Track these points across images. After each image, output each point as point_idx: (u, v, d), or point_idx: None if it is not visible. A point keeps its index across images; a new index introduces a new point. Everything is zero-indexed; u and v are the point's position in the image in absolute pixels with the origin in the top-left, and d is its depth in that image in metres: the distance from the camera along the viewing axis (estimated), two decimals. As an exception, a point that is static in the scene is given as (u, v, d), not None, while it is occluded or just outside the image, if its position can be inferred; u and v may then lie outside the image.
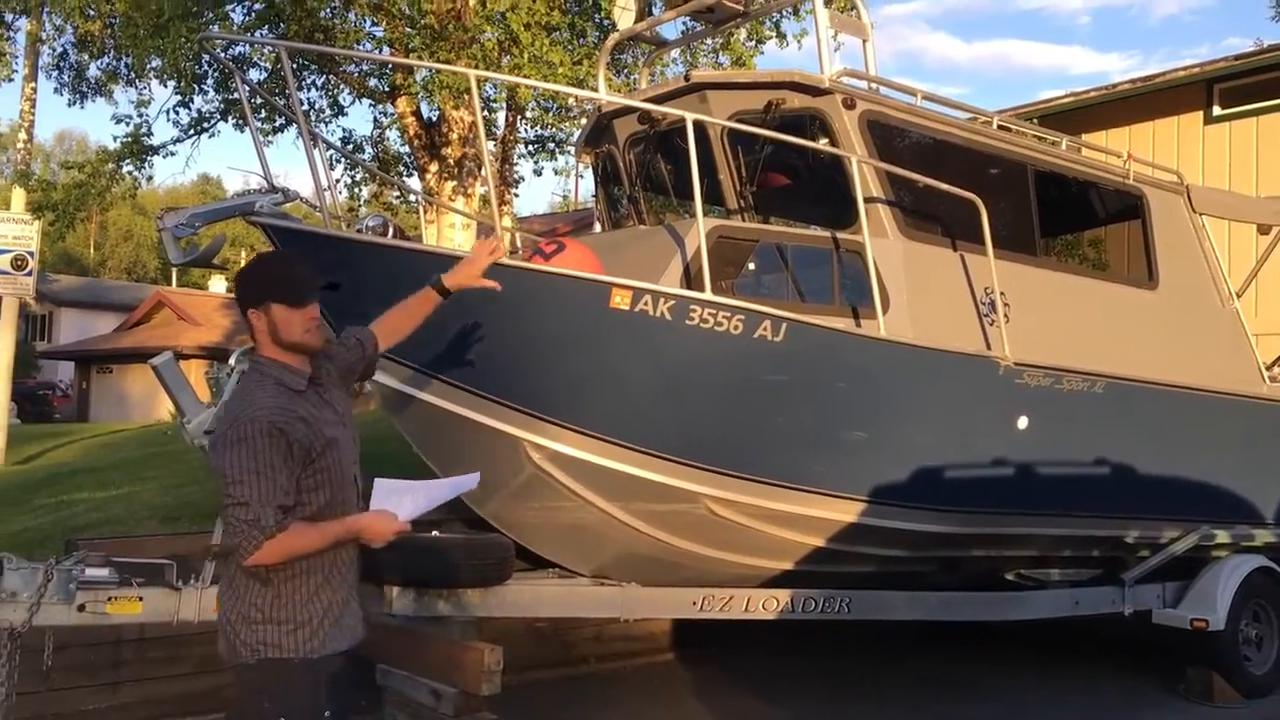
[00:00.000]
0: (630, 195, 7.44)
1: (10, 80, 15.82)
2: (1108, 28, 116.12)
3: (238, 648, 3.28)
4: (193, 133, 16.25)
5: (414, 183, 16.70)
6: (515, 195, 17.55)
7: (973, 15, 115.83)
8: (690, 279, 5.76)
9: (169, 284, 52.50)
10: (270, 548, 3.15)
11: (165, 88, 15.72)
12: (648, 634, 8.60)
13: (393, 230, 5.79)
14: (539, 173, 28.55)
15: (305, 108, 15.57)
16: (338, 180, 16.34)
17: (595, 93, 8.24)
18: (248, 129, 16.32)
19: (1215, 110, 13.91)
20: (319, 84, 16.92)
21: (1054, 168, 7.52)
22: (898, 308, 6.22)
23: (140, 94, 16.27)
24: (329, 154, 14.01)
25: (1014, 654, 8.87)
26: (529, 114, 16.36)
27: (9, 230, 13.48)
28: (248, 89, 8.74)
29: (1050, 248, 8.59)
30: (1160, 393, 7.33)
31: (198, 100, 15.89)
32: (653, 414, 5.80)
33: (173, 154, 16.25)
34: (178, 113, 15.98)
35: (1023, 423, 6.69)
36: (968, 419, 6.58)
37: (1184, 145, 13.88)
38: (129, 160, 15.83)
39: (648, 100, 6.82)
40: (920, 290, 6.39)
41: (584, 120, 9.32)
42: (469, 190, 15.81)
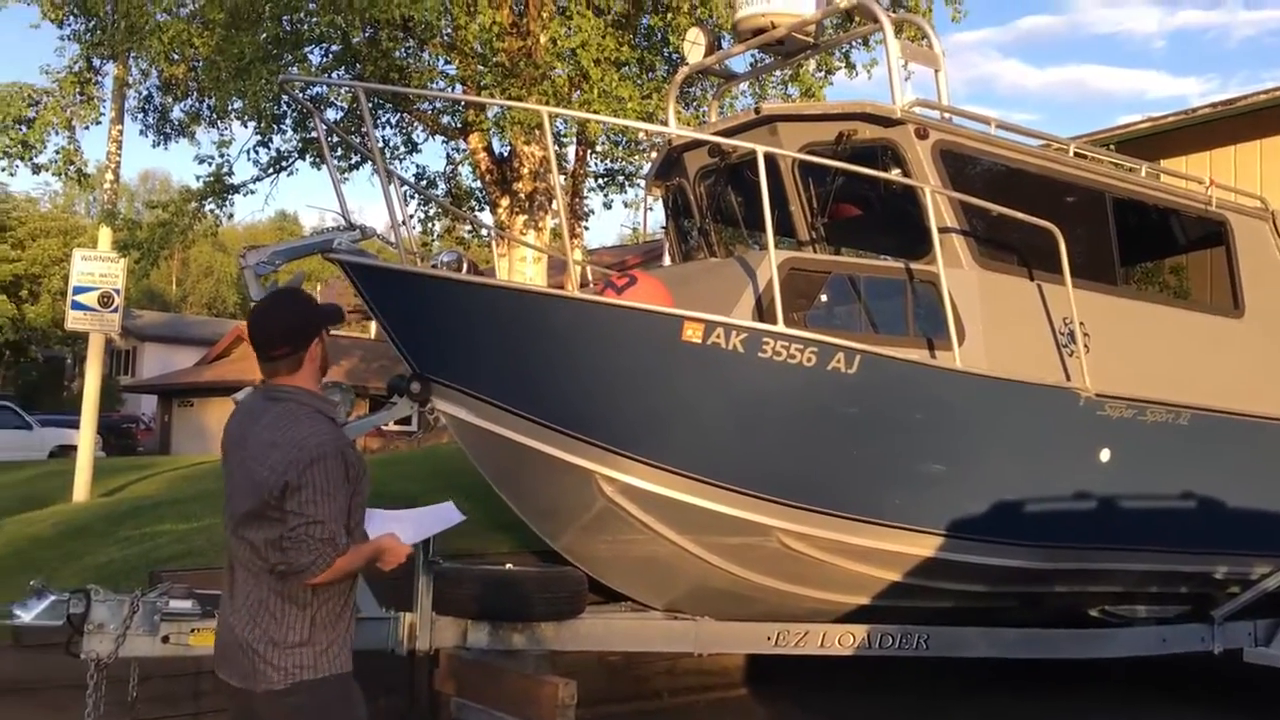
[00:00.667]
0: (701, 227, 7.46)
1: (98, 123, 16.29)
2: (1184, 51, 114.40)
3: (269, 674, 3.28)
4: (271, 171, 16.63)
5: (486, 217, 16.90)
6: (585, 228, 17.69)
7: (1045, 41, 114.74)
8: (762, 311, 5.75)
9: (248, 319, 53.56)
10: (337, 565, 3.27)
11: (245, 128, 16.15)
12: (721, 668, 8.51)
13: (467, 265, 5.86)
14: (609, 206, 28.83)
15: (380, 145, 15.86)
16: (411, 216, 16.59)
17: (665, 126, 8.29)
18: (325, 167, 16.68)
19: (1300, 134, 13.55)
20: (393, 122, 17.23)
21: (1133, 195, 7.38)
22: (973, 339, 6.14)
23: (222, 134, 16.66)
24: (403, 190, 14.24)
25: (1097, 693, 8.62)
26: (599, 148, 16.48)
27: (96, 268, 13.81)
28: (325, 128, 8.93)
29: (1130, 276, 8.42)
30: (1248, 424, 7.14)
31: (276, 140, 16.29)
32: (725, 447, 5.77)
33: (252, 192, 16.67)
34: (257, 152, 16.38)
35: (1105, 455, 6.55)
36: (1047, 452, 6.46)
37: (1267, 170, 13.55)
38: (211, 199, 16.23)
39: (718, 133, 6.84)
40: (996, 321, 6.30)
41: (653, 154, 9.37)
42: (540, 224, 15.96)
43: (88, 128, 16.06)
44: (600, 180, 17.86)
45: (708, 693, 8.33)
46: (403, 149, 17.30)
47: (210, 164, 16.10)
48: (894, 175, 6.30)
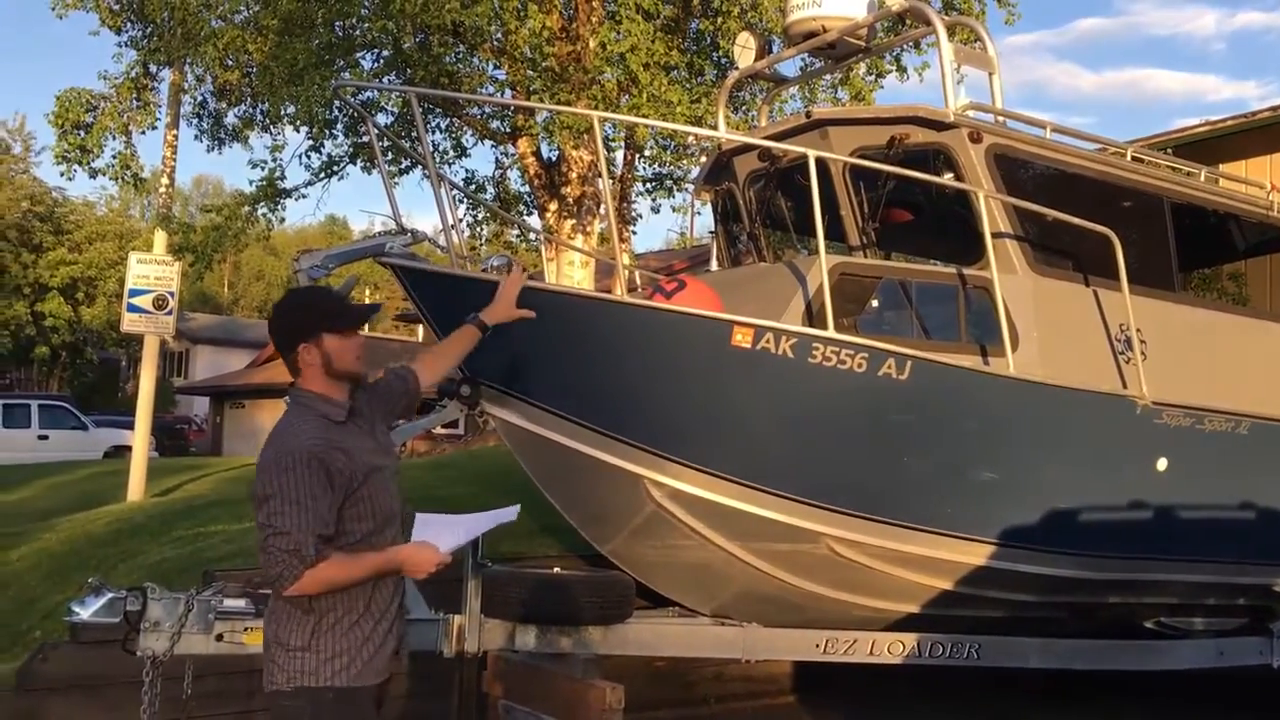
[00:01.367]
0: (750, 232, 7.43)
1: (154, 128, 16.57)
2: (1244, 54, 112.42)
3: (275, 674, 3.30)
4: (323, 176, 16.80)
5: (534, 221, 16.97)
6: (633, 233, 17.70)
7: (1100, 43, 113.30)
8: (812, 316, 5.71)
9: (298, 322, 54.04)
10: (310, 577, 3.16)
11: (298, 133, 16.29)
12: (769, 675, 8.46)
13: (517, 269, 5.87)
14: (656, 210, 28.83)
15: (430, 150, 15.97)
16: (461, 219, 16.69)
17: (715, 131, 8.27)
18: (375, 171, 16.81)
19: (1363, 138, 13.24)
20: (443, 127, 17.36)
21: (1192, 200, 7.26)
22: (1027, 345, 6.05)
23: (274, 139, 16.87)
24: (453, 194, 14.34)
25: (1152, 707, 8.47)
26: (647, 152, 16.49)
27: (151, 271, 14.01)
28: (377, 133, 9.00)
29: (1188, 282, 8.28)
30: (1310, 434, 6.98)
31: (328, 144, 16.45)
32: (774, 452, 5.74)
33: (304, 196, 16.81)
34: (309, 157, 16.56)
35: (1162, 464, 6.44)
36: (1102, 460, 6.36)
37: (1329, 174, 13.25)
38: (264, 203, 16.44)
39: (769, 138, 6.81)
40: (1051, 327, 6.21)
41: (702, 158, 9.35)
42: (588, 228, 16.00)
43: (144, 132, 16.41)
44: (648, 185, 17.87)
45: (755, 700, 8.29)
46: (452, 153, 17.42)
47: (263, 168, 16.31)
48: (947, 180, 6.24)
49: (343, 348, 3.39)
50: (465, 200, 16.73)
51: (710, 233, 8.16)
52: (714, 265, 8.04)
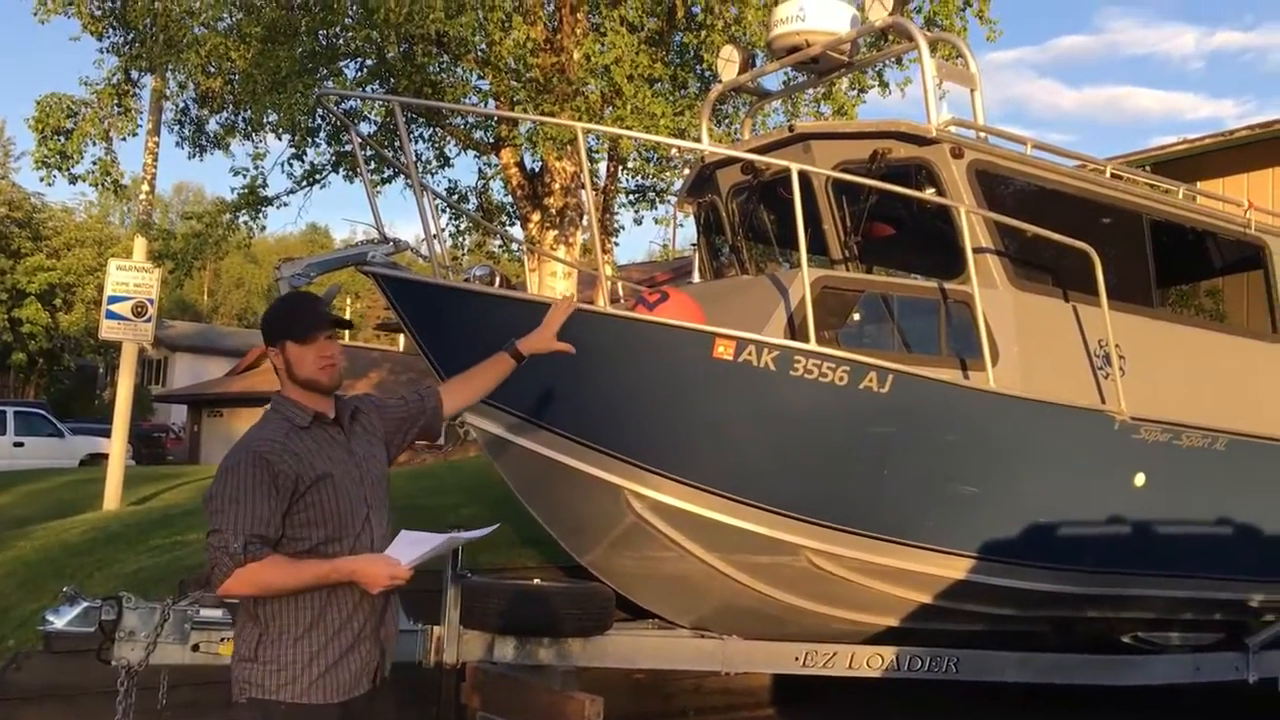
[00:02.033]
0: (733, 245, 7.45)
1: (135, 134, 16.49)
2: (1222, 73, 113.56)
3: (233, 685, 3.29)
4: (305, 184, 16.75)
5: (517, 232, 16.96)
6: (616, 244, 17.71)
7: (1080, 61, 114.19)
8: (794, 329, 5.73)
9: (278, 330, 53.76)
10: (240, 576, 3.11)
11: (280, 141, 16.26)
12: (748, 688, 8.45)
13: (499, 279, 5.88)
14: (639, 222, 28.82)
15: (413, 159, 15.96)
16: (443, 229, 16.66)
17: (698, 143, 8.29)
18: (357, 180, 16.80)
19: (1339, 157, 13.37)
20: (426, 136, 17.34)
21: (1170, 217, 7.31)
22: (1008, 359, 6.09)
23: (256, 147, 16.82)
24: (436, 203, 14.33)
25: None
26: (630, 164, 16.52)
27: (130, 278, 13.95)
28: (360, 142, 8.98)
29: (1166, 298, 8.34)
30: (1286, 450, 7.03)
31: (310, 153, 16.42)
32: (755, 465, 5.75)
33: (286, 204, 16.76)
34: (291, 165, 16.52)
35: (1140, 479, 6.48)
36: (1081, 475, 6.39)
37: (1306, 193, 13.37)
38: (245, 211, 16.37)
39: (752, 150, 6.83)
40: (1031, 342, 6.25)
41: (685, 170, 9.37)
42: (570, 239, 16.00)
43: (125, 139, 16.30)
44: (631, 196, 17.90)
45: (734, 712, 8.28)
46: (435, 163, 17.41)
47: (245, 176, 16.25)
48: (929, 195, 6.27)
49: (301, 355, 3.40)
50: (448, 210, 16.73)
51: (692, 245, 8.18)
52: (695, 277, 8.05)
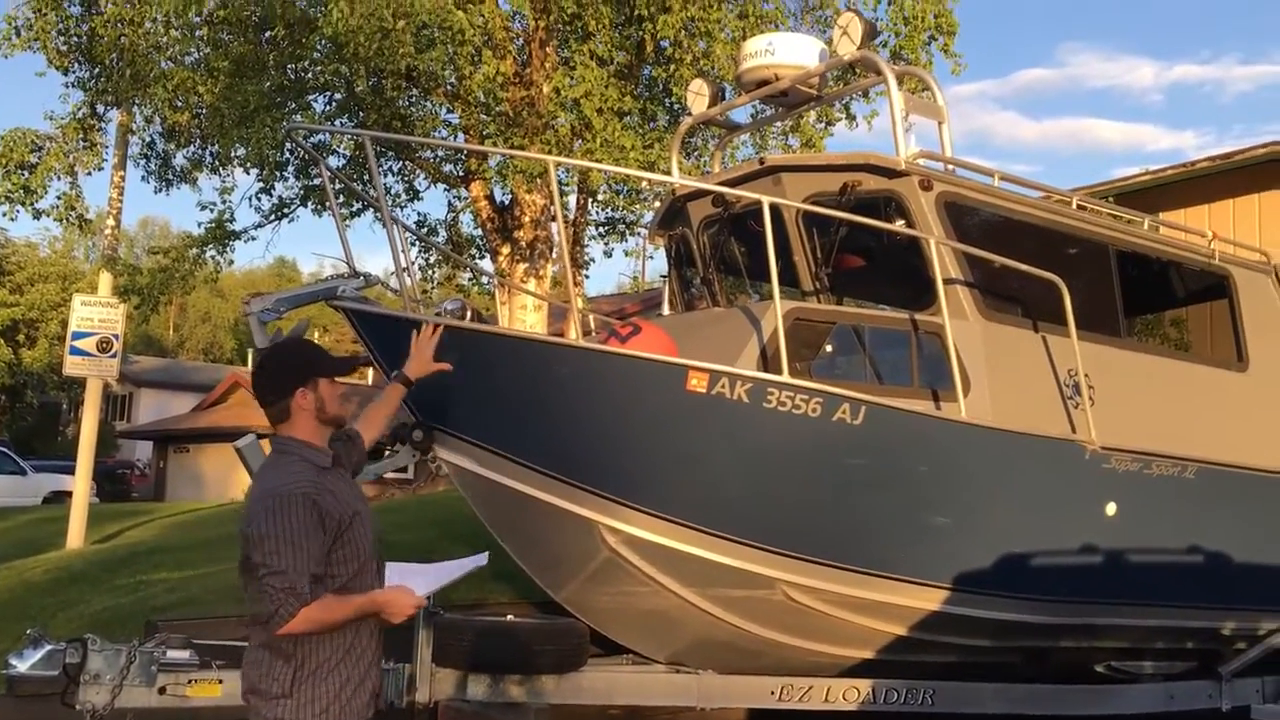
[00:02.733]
0: (704, 277, 7.45)
1: (100, 169, 16.38)
2: (1181, 105, 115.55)
3: None
4: (273, 218, 16.70)
5: (487, 264, 16.95)
6: (586, 276, 17.75)
7: (1042, 94, 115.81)
8: (767, 361, 5.72)
9: (245, 365, 53.53)
10: (304, 616, 3.21)
11: (248, 175, 16.20)
12: (722, 723, 8.39)
13: (470, 313, 5.85)
14: (609, 254, 28.92)
15: (383, 192, 15.95)
16: (413, 262, 16.63)
17: (668, 176, 8.32)
18: (326, 213, 16.73)
19: (1299, 188, 13.60)
20: (395, 169, 17.34)
21: (1136, 247, 7.39)
22: (979, 390, 6.11)
23: (224, 181, 16.76)
24: (406, 237, 14.31)
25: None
26: (600, 196, 16.59)
27: (95, 313, 13.83)
28: (329, 175, 8.94)
29: (1133, 328, 8.42)
30: (1254, 478, 7.10)
31: (279, 186, 16.37)
32: (729, 497, 5.73)
33: (253, 239, 16.69)
34: (259, 199, 16.46)
35: (1111, 509, 6.50)
36: (1053, 505, 6.41)
37: (1266, 223, 13.59)
38: (212, 245, 16.28)
39: (722, 183, 6.86)
40: (1002, 372, 6.28)
41: (655, 203, 9.40)
42: (541, 272, 16.02)
43: (90, 174, 16.17)
44: (601, 229, 17.95)
45: (709, 748, 8.20)
46: (404, 196, 17.40)
47: (212, 210, 16.17)
48: (898, 226, 6.31)
49: (333, 392, 3.56)
50: (418, 243, 16.70)
51: (662, 277, 8.18)
52: (665, 309, 8.05)
